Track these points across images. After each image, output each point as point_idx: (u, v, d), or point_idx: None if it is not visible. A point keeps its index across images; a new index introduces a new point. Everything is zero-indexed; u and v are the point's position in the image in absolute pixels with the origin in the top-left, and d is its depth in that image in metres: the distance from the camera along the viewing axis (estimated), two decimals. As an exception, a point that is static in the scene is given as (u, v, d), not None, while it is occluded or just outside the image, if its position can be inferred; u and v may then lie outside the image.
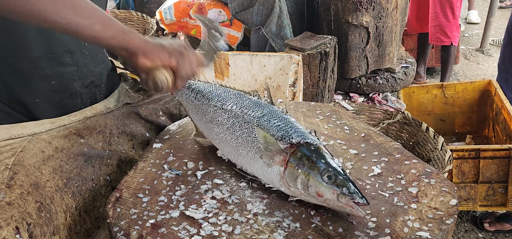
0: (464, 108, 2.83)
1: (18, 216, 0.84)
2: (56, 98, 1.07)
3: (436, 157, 1.70)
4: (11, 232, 0.82)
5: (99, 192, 1.08)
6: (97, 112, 1.16)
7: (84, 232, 1.04)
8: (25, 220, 0.86)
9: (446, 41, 3.30)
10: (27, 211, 0.87)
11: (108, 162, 1.11)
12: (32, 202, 0.90)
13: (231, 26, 3.03)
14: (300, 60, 2.08)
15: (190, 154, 1.08)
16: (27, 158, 0.97)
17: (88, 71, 1.12)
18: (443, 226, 0.82)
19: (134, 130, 1.22)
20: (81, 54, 1.09)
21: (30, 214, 0.87)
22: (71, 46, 1.06)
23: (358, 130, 1.17)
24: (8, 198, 0.86)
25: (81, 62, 1.09)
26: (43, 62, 1.03)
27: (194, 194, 0.94)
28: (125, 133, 1.20)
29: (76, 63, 1.08)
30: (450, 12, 3.20)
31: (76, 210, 1.02)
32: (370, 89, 2.94)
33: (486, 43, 4.46)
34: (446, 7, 3.20)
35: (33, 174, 0.95)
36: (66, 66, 1.06)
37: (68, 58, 1.06)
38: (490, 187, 2.10)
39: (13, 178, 0.91)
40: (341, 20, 2.76)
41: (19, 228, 0.83)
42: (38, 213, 0.89)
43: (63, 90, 1.08)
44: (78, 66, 1.09)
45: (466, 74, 4.08)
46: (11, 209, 0.84)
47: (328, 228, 0.84)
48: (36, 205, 0.90)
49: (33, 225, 0.86)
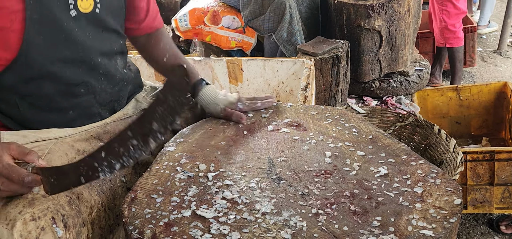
0: (479, 111, 2.81)
1: (53, 208, 0.89)
2: (75, 123, 1.14)
3: (448, 159, 1.70)
4: (48, 222, 0.87)
5: (116, 192, 1.13)
6: (116, 118, 1.22)
7: (107, 228, 1.10)
8: (59, 211, 0.91)
9: (455, 42, 3.28)
10: (60, 204, 0.92)
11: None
12: (63, 195, 0.95)
13: (244, 33, 3.08)
14: (312, 65, 2.10)
15: (202, 156, 1.13)
16: (54, 159, 1.04)
17: (106, 94, 1.18)
18: (447, 224, 0.84)
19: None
20: (96, 81, 1.14)
21: (63, 206, 0.92)
22: (84, 77, 1.11)
23: (366, 132, 1.19)
24: (42, 191, 0.92)
25: (98, 89, 1.15)
26: (58, 97, 1.09)
27: (206, 195, 0.98)
28: None
29: (93, 91, 1.14)
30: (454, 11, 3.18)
31: (102, 206, 1.08)
32: (383, 92, 2.95)
33: (503, 45, 4.40)
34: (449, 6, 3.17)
35: None
36: (83, 96, 1.12)
37: (83, 89, 1.12)
38: (506, 189, 2.08)
39: None
40: (353, 24, 2.78)
41: (55, 219, 0.89)
42: (69, 206, 0.94)
43: (80, 116, 1.15)
44: (95, 93, 1.15)
45: (484, 76, 4.03)
46: (46, 201, 0.89)
47: (334, 227, 0.86)
48: (67, 199, 0.95)
49: (66, 216, 0.92)
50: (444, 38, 3.32)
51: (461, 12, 3.24)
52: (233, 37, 3.12)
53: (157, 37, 1.37)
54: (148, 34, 1.36)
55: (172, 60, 1.35)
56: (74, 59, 1.08)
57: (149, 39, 1.37)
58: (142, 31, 1.34)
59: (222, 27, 3.12)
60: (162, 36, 1.38)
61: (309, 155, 1.11)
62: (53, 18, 1.02)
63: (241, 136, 1.21)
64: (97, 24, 1.12)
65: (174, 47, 1.39)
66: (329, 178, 1.01)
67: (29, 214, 0.85)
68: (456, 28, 3.26)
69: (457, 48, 3.32)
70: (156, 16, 1.36)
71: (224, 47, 3.16)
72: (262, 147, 1.15)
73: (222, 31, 3.11)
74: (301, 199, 0.95)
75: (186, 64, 1.35)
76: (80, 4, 1.06)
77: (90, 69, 1.12)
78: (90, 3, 1.08)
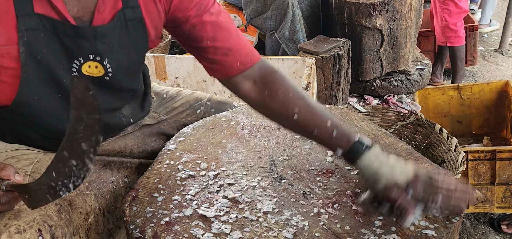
0: (481, 110, 2.80)
1: (39, 219, 0.88)
2: None
3: (450, 158, 1.70)
4: (34, 234, 0.85)
5: (119, 193, 1.12)
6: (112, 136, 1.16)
7: (106, 232, 1.09)
8: (46, 222, 0.89)
9: (457, 41, 3.27)
10: (48, 214, 0.90)
11: (127, 165, 1.16)
12: (52, 204, 0.93)
13: (246, 31, 3.08)
14: (313, 64, 2.10)
15: (203, 155, 1.12)
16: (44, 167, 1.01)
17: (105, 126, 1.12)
18: (449, 224, 0.84)
19: (156, 147, 1.23)
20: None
21: (51, 217, 0.90)
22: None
23: (367, 131, 1.19)
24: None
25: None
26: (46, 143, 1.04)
27: (207, 194, 0.98)
28: (146, 151, 1.21)
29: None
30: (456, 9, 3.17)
31: (100, 211, 1.07)
32: (384, 91, 2.94)
33: (505, 44, 4.39)
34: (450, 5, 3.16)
35: None
36: None
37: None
38: (507, 188, 2.08)
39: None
40: (354, 23, 2.77)
41: (41, 230, 0.87)
42: (58, 215, 0.92)
43: None
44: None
45: (485, 75, 4.02)
46: (32, 213, 0.88)
47: (336, 226, 0.86)
48: (56, 208, 0.93)
49: (54, 227, 0.90)
50: (445, 37, 3.31)
51: (462, 11, 3.23)
52: (234, 35, 3.11)
53: (266, 81, 1.00)
54: (241, 78, 1.01)
55: (308, 118, 0.96)
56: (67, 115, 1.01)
57: (255, 88, 1.02)
58: (220, 73, 1.03)
59: (223, 25, 3.11)
60: (273, 79, 1.00)
61: (311, 154, 1.10)
62: (52, 78, 0.94)
63: (243, 135, 1.21)
64: (105, 87, 1.01)
65: (302, 94, 0.99)
66: (331, 177, 1.01)
67: (14, 226, 0.84)
68: (458, 27, 3.24)
69: (458, 47, 3.30)
70: (238, 53, 1.00)
71: (225, 46, 3.15)
72: (263, 146, 1.15)
73: (223, 30, 3.11)
74: (303, 198, 0.95)
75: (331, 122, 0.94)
76: (86, 69, 0.95)
77: None
78: (99, 70, 0.96)
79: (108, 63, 0.97)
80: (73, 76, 0.76)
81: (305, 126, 0.97)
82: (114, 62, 0.98)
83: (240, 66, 1.00)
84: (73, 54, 0.93)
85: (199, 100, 1.34)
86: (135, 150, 1.19)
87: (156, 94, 1.33)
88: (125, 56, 0.99)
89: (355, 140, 0.92)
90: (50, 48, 0.90)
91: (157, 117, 1.26)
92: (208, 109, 1.33)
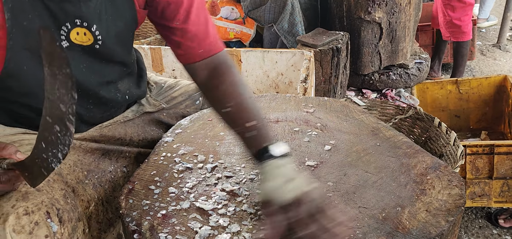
0: (479, 104, 2.80)
1: (47, 202, 0.87)
2: None
3: (448, 152, 1.69)
4: (42, 216, 0.84)
5: (117, 183, 1.11)
6: (113, 122, 1.16)
7: (106, 222, 1.08)
8: (54, 205, 0.88)
9: (461, 37, 3.23)
10: (55, 197, 0.90)
11: (126, 155, 1.14)
12: (58, 189, 0.92)
13: (243, 24, 3.05)
14: (312, 56, 2.08)
15: (200, 147, 1.11)
16: None
17: (95, 119, 1.11)
18: (450, 217, 0.83)
19: (156, 136, 1.22)
20: (86, 110, 1.07)
21: (58, 200, 0.90)
22: None
23: (367, 124, 1.18)
24: None
25: (85, 116, 1.08)
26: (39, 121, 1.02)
27: (204, 186, 0.96)
28: (146, 139, 1.20)
29: (80, 118, 1.07)
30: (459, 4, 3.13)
31: (99, 200, 1.06)
32: (383, 85, 2.93)
33: (503, 39, 4.39)
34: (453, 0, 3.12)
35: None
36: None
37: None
38: (505, 183, 2.07)
39: None
40: (353, 16, 2.76)
41: (49, 213, 0.86)
42: (64, 200, 0.92)
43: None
44: (81, 120, 1.08)
45: (483, 70, 4.01)
46: (41, 195, 0.87)
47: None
48: (62, 193, 0.92)
49: (61, 211, 0.89)
50: (450, 32, 3.26)
51: (467, 5, 3.16)
52: (231, 28, 3.09)
53: (217, 73, 1.02)
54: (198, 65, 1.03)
55: (237, 113, 0.95)
56: None
57: (210, 76, 1.02)
58: (183, 58, 1.04)
59: (220, 18, 3.08)
60: (225, 71, 1.01)
61: (310, 146, 1.09)
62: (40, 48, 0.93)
63: (241, 127, 1.19)
64: (96, 56, 1.01)
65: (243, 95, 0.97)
66: (331, 169, 1.00)
67: (22, 208, 0.82)
68: (462, 22, 3.18)
69: (462, 43, 3.26)
70: (203, 41, 1.02)
71: (223, 39, 3.12)
72: (262, 138, 1.13)
73: (220, 22, 3.08)
74: (302, 191, 0.93)
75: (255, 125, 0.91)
76: (75, 37, 0.95)
77: (79, 100, 0.99)
78: (88, 38, 0.96)
79: (97, 30, 0.96)
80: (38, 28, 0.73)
81: (232, 121, 0.96)
82: (103, 30, 0.97)
83: (202, 53, 1.02)
84: (59, 20, 0.92)
85: (198, 90, 1.32)
86: (135, 137, 1.18)
87: (155, 83, 1.33)
88: (113, 24, 0.99)
89: (263, 146, 0.87)
90: (36, 14, 0.89)
91: (157, 105, 1.26)
92: None
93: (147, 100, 1.25)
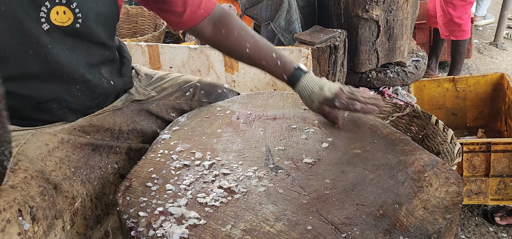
0: (476, 102, 2.80)
1: (20, 199, 0.86)
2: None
3: (445, 149, 1.69)
4: (14, 214, 0.83)
5: (107, 179, 1.10)
6: (103, 111, 1.15)
7: (94, 218, 1.07)
8: (27, 203, 0.87)
9: (461, 35, 3.23)
10: (30, 195, 0.88)
11: (117, 150, 1.13)
12: (35, 186, 0.91)
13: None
14: (309, 54, 2.08)
15: (198, 144, 1.10)
16: (31, 150, 0.98)
17: (83, 107, 1.10)
18: (447, 215, 0.83)
19: (145, 126, 1.21)
20: (71, 96, 1.06)
21: (33, 198, 0.88)
22: (57, 93, 1.02)
23: (364, 121, 1.18)
24: (11, 182, 0.88)
25: (73, 103, 1.07)
26: (25, 110, 1.02)
27: (202, 183, 0.96)
28: (136, 129, 1.19)
29: (67, 105, 1.06)
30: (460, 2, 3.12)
31: (87, 196, 1.05)
32: (380, 83, 2.93)
33: (500, 37, 4.40)
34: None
35: (38, 163, 0.97)
36: (55, 111, 1.05)
37: (54, 105, 1.04)
38: (501, 180, 2.08)
39: (18, 164, 0.93)
40: (351, 13, 2.75)
41: (21, 211, 0.85)
42: (41, 197, 0.90)
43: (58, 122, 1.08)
44: (69, 108, 1.07)
45: (480, 68, 4.02)
46: (14, 192, 0.86)
47: (333, 216, 0.85)
48: (39, 189, 0.91)
49: (35, 208, 0.88)
50: (450, 31, 3.26)
51: (467, 3, 3.16)
52: (229, 25, 3.08)
53: (222, 23, 1.18)
54: (202, 24, 1.17)
55: (255, 50, 1.16)
56: (45, 74, 0.99)
57: (214, 29, 1.19)
58: (187, 24, 1.16)
59: (218, 15, 3.07)
60: (229, 20, 1.18)
61: (308, 144, 1.09)
62: (22, 32, 0.92)
63: (238, 124, 1.19)
64: (77, 37, 1.01)
65: (252, 33, 1.19)
66: (328, 167, 1.00)
67: None
68: (462, 21, 3.17)
69: (461, 41, 3.26)
70: (200, 2, 1.15)
71: (220, 36, 3.12)
72: (259, 136, 1.13)
73: (218, 19, 3.07)
74: (300, 188, 0.93)
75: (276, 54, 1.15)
76: (55, 18, 0.95)
77: (64, 84, 1.03)
78: (68, 16, 0.97)
79: (77, 8, 0.97)
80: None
81: (255, 59, 1.17)
82: (83, 7, 0.98)
83: (203, 13, 1.16)
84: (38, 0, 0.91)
85: (188, 81, 1.33)
86: (124, 127, 1.17)
87: (146, 74, 1.34)
88: (93, 3, 1.01)
89: (295, 67, 1.15)
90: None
91: (147, 94, 1.26)
92: (198, 91, 1.32)
93: (136, 90, 1.25)
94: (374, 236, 0.79)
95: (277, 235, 0.81)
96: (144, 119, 1.22)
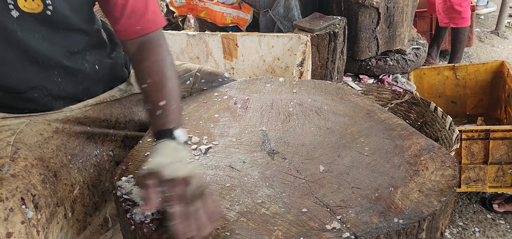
0: (476, 90, 2.80)
1: (22, 188, 0.86)
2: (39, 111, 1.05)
3: (444, 136, 1.69)
4: (16, 203, 0.83)
5: (103, 167, 1.10)
6: (100, 101, 1.14)
7: (92, 206, 1.07)
8: (30, 191, 0.87)
9: (461, 22, 3.20)
10: (31, 183, 0.88)
11: (112, 138, 1.13)
12: (36, 174, 0.91)
13: (240, 9, 3.03)
14: (308, 41, 2.07)
15: (194, 129, 1.10)
16: (28, 138, 0.98)
17: (68, 93, 1.08)
18: (442, 198, 0.83)
19: (144, 117, 1.21)
20: (53, 83, 1.04)
21: (35, 186, 0.88)
22: (36, 82, 1.00)
23: (362, 106, 1.18)
24: (12, 170, 0.88)
25: (55, 90, 1.05)
26: (8, 100, 1.01)
27: (198, 168, 0.96)
28: (133, 120, 1.19)
29: (49, 93, 1.04)
30: None
31: (84, 184, 1.05)
32: (380, 71, 2.92)
33: (501, 25, 4.37)
34: None
35: (36, 151, 0.97)
36: (38, 100, 1.03)
37: (36, 94, 1.02)
38: (500, 168, 2.08)
39: (17, 152, 0.93)
40: (351, 0, 2.74)
41: (24, 199, 0.85)
42: (42, 185, 0.90)
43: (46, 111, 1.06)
44: (52, 96, 1.05)
45: (480, 56, 4.01)
46: (15, 181, 0.85)
47: (328, 199, 0.85)
48: (40, 177, 0.91)
49: (38, 196, 0.88)
50: (449, 18, 3.23)
51: None
52: (228, 13, 3.07)
53: (146, 49, 1.02)
54: (133, 41, 1.03)
55: (152, 91, 0.96)
56: (19, 63, 0.97)
57: (138, 51, 1.03)
58: (121, 34, 1.03)
59: (217, 2, 3.06)
60: (152, 50, 1.02)
61: (304, 128, 1.09)
62: None
63: (235, 109, 1.19)
64: (50, 24, 0.97)
65: (162, 73, 0.99)
66: (325, 151, 1.00)
67: None
68: (463, 8, 3.16)
69: (461, 29, 3.24)
70: (141, 17, 1.01)
71: (219, 23, 3.10)
72: (256, 121, 1.13)
73: (217, 7, 3.06)
74: (296, 172, 0.93)
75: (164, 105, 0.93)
76: (24, 4, 0.92)
77: (41, 72, 1.00)
78: (37, 3, 0.93)
79: None
80: None
81: (146, 97, 0.98)
82: None
83: (138, 30, 1.02)
84: None
85: (188, 70, 1.31)
86: (121, 119, 1.16)
87: None
88: None
89: (167, 127, 0.90)
90: None
91: None
92: (198, 80, 1.31)
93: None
94: (369, 218, 0.80)
95: (272, 218, 0.81)
96: (142, 110, 1.21)
